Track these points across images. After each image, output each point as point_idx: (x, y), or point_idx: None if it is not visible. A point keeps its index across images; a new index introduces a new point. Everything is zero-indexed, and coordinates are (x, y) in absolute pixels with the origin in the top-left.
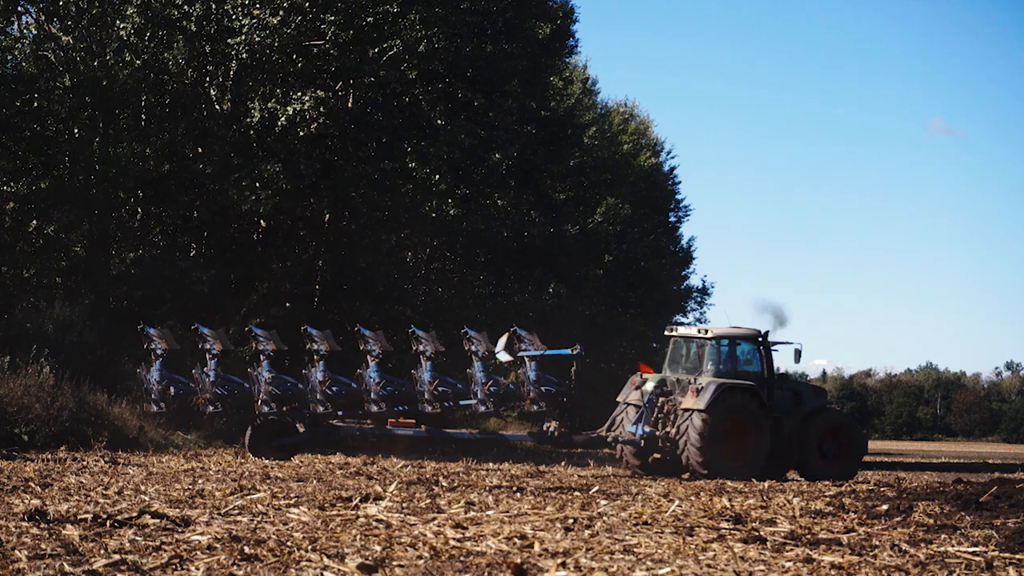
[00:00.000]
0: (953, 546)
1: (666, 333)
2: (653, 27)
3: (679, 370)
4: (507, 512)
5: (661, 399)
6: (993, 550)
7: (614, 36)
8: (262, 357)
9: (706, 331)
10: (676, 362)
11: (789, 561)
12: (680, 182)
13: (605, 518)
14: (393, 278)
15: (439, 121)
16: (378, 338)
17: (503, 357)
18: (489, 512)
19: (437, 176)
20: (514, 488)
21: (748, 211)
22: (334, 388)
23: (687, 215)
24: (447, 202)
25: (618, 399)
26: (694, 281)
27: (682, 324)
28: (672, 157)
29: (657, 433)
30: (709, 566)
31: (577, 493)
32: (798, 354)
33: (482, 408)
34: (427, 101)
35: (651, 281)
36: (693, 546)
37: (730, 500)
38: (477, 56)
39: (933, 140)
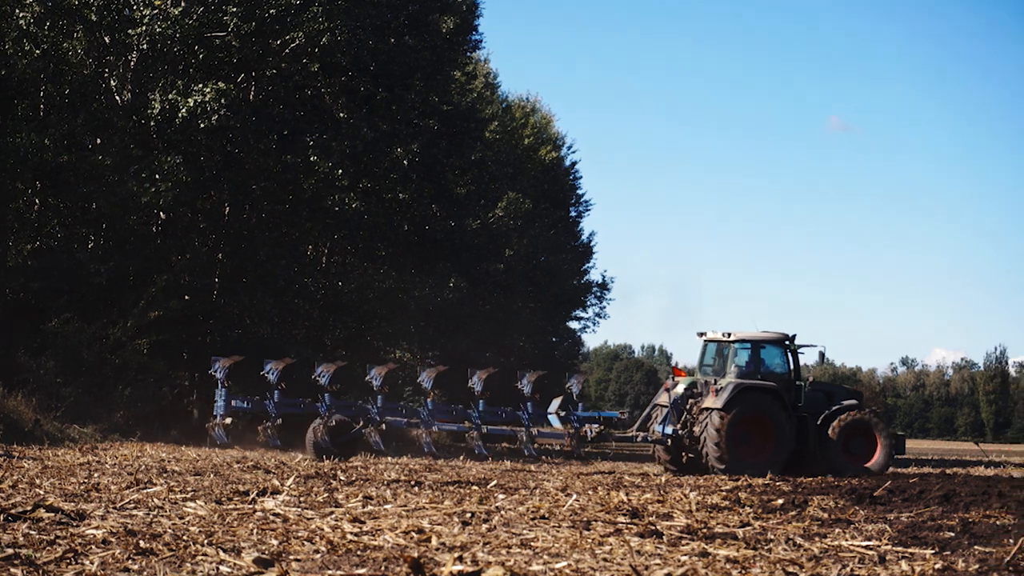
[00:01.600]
0: (847, 540)
1: (697, 336)
2: (555, 21)
3: (709, 373)
4: (405, 506)
5: (691, 400)
6: (886, 544)
7: (516, 30)
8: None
9: (729, 335)
10: (707, 365)
11: (685, 555)
12: (581, 177)
13: (503, 512)
14: (293, 272)
15: (341, 115)
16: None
17: (555, 421)
18: (387, 506)
19: (340, 170)
20: (412, 482)
21: (648, 205)
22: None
23: (588, 210)
24: (349, 196)
25: (653, 401)
26: (594, 276)
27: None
28: (573, 152)
29: (680, 432)
30: (605, 560)
31: (475, 487)
32: (822, 356)
33: (526, 452)
34: (329, 94)
35: (551, 275)
36: (590, 540)
37: (627, 494)
38: (380, 50)
39: (832, 137)
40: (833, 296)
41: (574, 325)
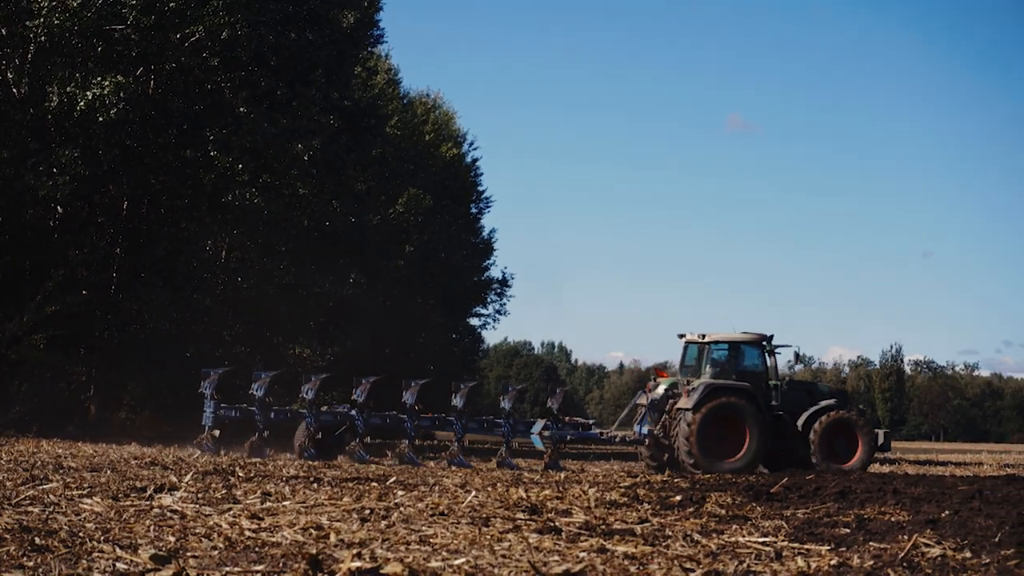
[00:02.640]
0: (744, 536)
1: (678, 338)
2: (457, 19)
3: (689, 374)
4: (303, 503)
5: (670, 401)
6: (783, 540)
7: (418, 26)
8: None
9: (703, 336)
10: (688, 366)
11: (583, 551)
12: (482, 173)
13: (402, 509)
14: (192, 267)
15: (241, 109)
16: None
17: (537, 443)
18: (285, 503)
19: (240, 165)
20: (311, 479)
21: (549, 203)
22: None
23: (488, 206)
24: (250, 191)
25: (633, 402)
26: (494, 272)
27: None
28: (474, 148)
29: (657, 432)
30: (504, 556)
31: (374, 484)
32: (796, 356)
33: (506, 465)
34: (229, 89)
35: (451, 272)
36: (489, 536)
37: (526, 491)
38: (280, 44)
39: (731, 135)
40: (731, 294)
41: (474, 322)
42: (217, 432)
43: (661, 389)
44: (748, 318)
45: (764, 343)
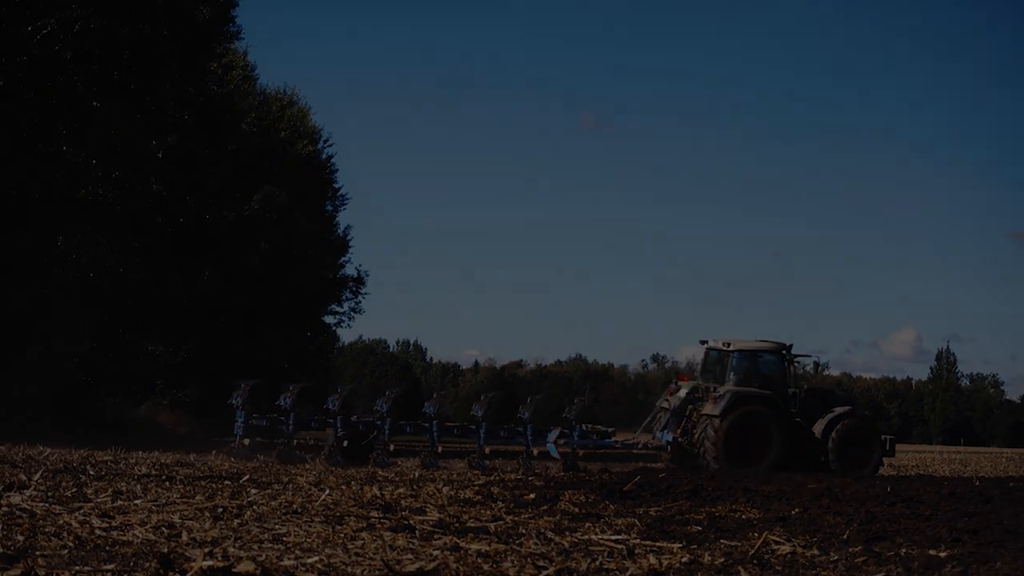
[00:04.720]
0: (597, 534)
1: (700, 344)
2: (314, 15)
3: (711, 379)
4: (155, 501)
5: (690, 407)
6: (635, 538)
7: (276, 23)
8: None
9: (728, 344)
10: (709, 371)
11: (437, 549)
12: (337, 170)
13: (255, 507)
14: (43, 262)
15: (95, 103)
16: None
17: (552, 451)
18: (137, 501)
19: (94, 161)
20: (163, 477)
21: (405, 201)
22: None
23: (344, 204)
24: (104, 186)
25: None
26: (349, 270)
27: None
28: (330, 145)
29: (680, 438)
30: (358, 554)
31: (227, 482)
32: (816, 365)
33: (525, 469)
34: (83, 83)
35: (307, 270)
36: (342, 535)
37: (380, 489)
38: (135, 38)
39: (586, 133)
40: (587, 294)
41: (329, 320)
42: (247, 441)
43: (683, 392)
44: (603, 315)
45: (784, 352)
